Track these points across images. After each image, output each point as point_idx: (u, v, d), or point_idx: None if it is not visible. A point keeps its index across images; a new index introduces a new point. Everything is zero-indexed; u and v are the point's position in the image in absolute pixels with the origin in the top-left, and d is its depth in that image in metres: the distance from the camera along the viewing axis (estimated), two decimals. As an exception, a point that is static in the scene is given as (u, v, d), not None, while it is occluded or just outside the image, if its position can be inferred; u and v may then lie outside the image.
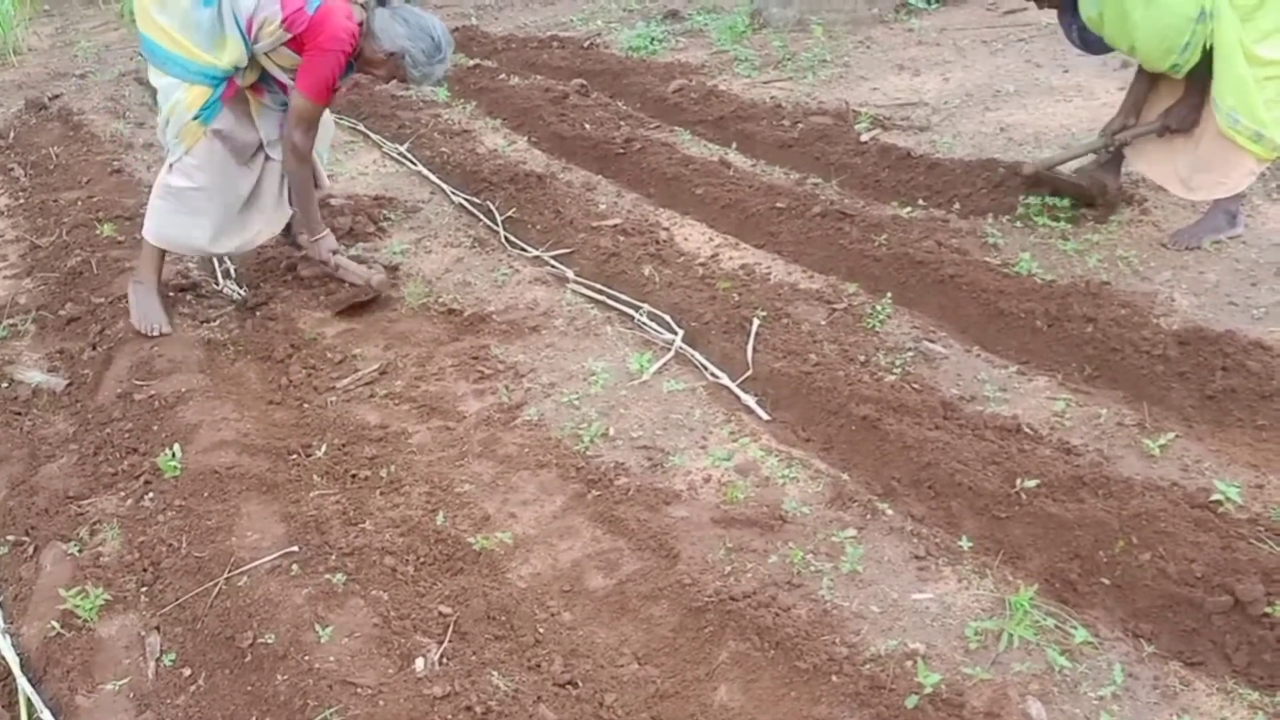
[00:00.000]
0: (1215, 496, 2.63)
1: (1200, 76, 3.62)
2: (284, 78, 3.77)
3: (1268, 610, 2.30)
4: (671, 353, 3.61)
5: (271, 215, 4.09)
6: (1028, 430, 3.01)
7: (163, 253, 3.97)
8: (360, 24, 3.66)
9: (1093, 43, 3.83)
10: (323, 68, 3.62)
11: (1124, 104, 4.03)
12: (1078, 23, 3.77)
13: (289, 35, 3.57)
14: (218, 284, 4.38)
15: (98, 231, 4.82)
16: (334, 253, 4.10)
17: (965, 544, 2.65)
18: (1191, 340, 3.23)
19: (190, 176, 3.79)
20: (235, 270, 4.47)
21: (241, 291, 4.33)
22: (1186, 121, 3.79)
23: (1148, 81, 3.93)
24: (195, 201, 3.82)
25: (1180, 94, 3.77)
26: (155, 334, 3.83)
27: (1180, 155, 3.82)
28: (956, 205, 4.38)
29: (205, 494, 2.97)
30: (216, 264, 4.48)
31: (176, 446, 3.17)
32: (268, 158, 3.97)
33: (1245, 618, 2.32)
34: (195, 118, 3.69)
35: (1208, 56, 3.51)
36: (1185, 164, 3.80)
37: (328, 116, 4.17)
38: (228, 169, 3.84)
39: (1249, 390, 3.03)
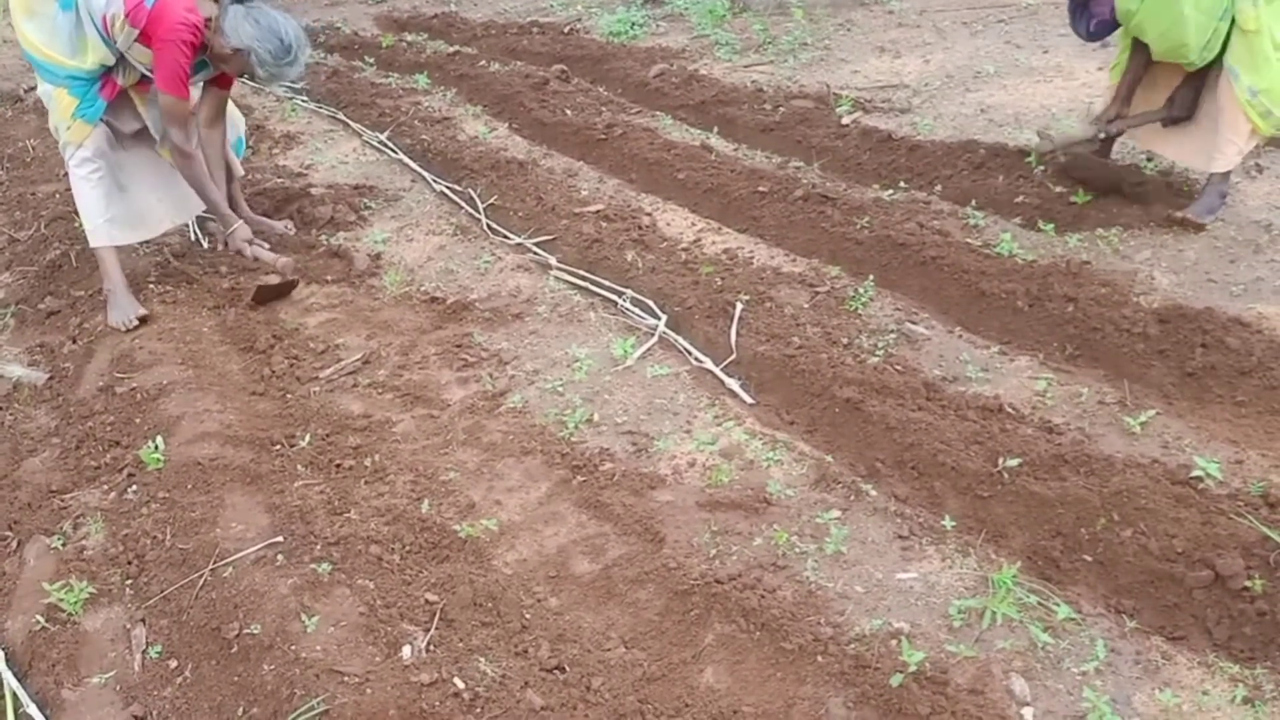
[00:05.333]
0: (1196, 473, 2.66)
1: (1203, 68, 3.71)
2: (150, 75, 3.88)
3: (1247, 584, 2.33)
4: (655, 338, 3.61)
5: (178, 205, 4.26)
6: (1010, 410, 3.03)
7: (115, 252, 4.03)
8: (209, 19, 3.73)
9: (1099, 34, 3.93)
10: (168, 60, 3.69)
11: (1117, 92, 4.06)
12: (1098, 14, 3.81)
13: (136, 30, 3.65)
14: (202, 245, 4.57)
15: (76, 224, 4.76)
16: (249, 243, 4.26)
17: (948, 523, 2.67)
18: (1171, 318, 3.25)
19: (86, 165, 3.92)
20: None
21: (205, 243, 4.57)
22: (1188, 108, 3.88)
23: (1139, 71, 3.97)
24: (102, 188, 3.96)
25: (1177, 82, 3.83)
26: (133, 325, 3.83)
27: (1198, 129, 3.85)
28: (938, 187, 4.39)
29: (189, 486, 2.96)
30: (194, 226, 4.62)
31: (159, 439, 3.15)
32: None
33: (1226, 592, 2.35)
34: (76, 116, 3.82)
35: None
36: (1203, 137, 3.82)
37: (233, 107, 4.42)
38: (110, 157, 3.99)
39: (1228, 367, 3.06)
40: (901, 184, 4.48)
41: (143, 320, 3.86)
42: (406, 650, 2.38)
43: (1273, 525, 2.42)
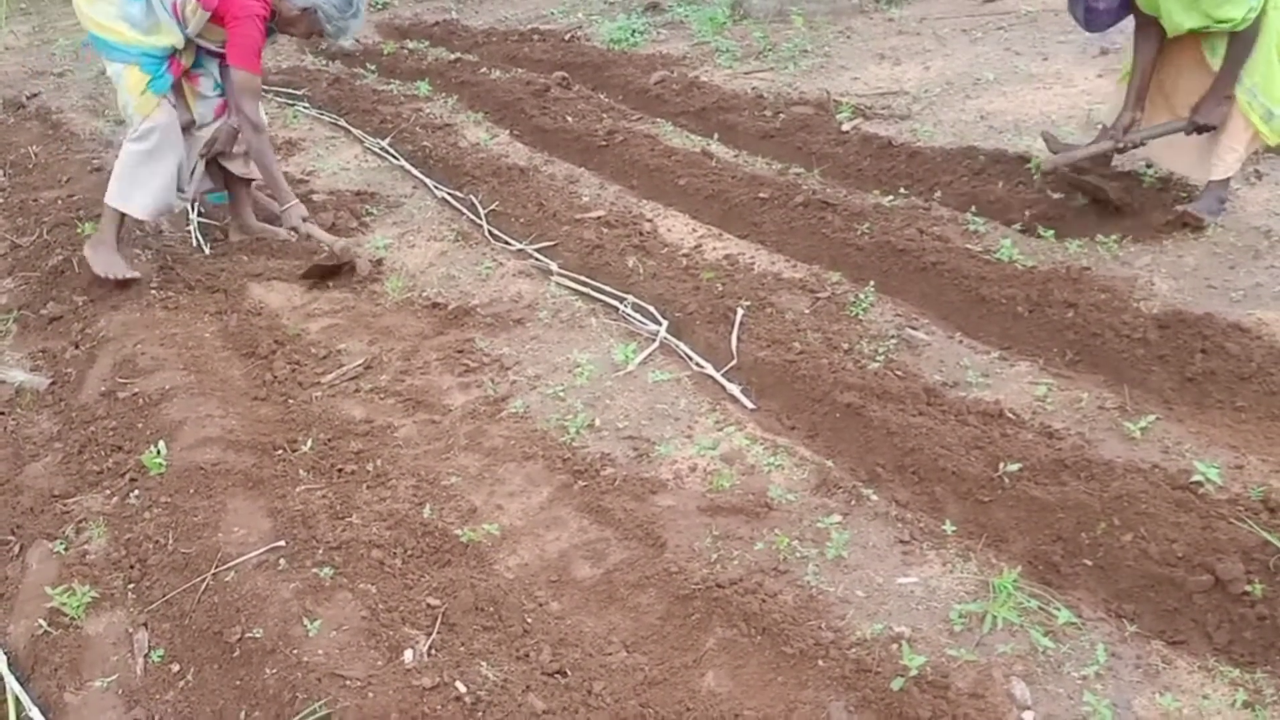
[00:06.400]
0: (1195, 477, 2.66)
1: (1231, 61, 3.51)
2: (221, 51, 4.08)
3: (1247, 589, 2.33)
4: (656, 343, 3.62)
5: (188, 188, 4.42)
6: (1010, 415, 3.03)
7: (122, 217, 4.16)
8: None
9: (1096, 21, 3.71)
10: (244, 36, 3.89)
11: (1128, 97, 3.82)
12: (1093, 4, 3.61)
13: (207, 14, 3.84)
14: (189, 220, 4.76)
15: (79, 230, 4.79)
16: (304, 219, 4.40)
17: (949, 528, 2.67)
18: (1171, 324, 3.25)
19: (148, 138, 4.05)
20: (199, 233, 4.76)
21: (207, 249, 4.65)
22: (1216, 116, 3.64)
23: (1148, 70, 3.76)
24: (151, 163, 4.08)
25: (1193, 88, 3.65)
26: (120, 278, 3.99)
27: (1195, 139, 3.79)
28: (938, 193, 4.40)
29: (191, 490, 2.96)
30: (195, 233, 4.67)
31: (161, 443, 3.16)
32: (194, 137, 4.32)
33: (1226, 596, 2.35)
34: (146, 90, 3.96)
35: (1250, 31, 3.40)
36: (1202, 146, 3.78)
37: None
38: (174, 135, 4.12)
39: (1228, 372, 3.06)
40: (901, 190, 4.49)
41: (130, 281, 4.02)
42: (408, 654, 2.38)
43: (1273, 530, 2.43)
